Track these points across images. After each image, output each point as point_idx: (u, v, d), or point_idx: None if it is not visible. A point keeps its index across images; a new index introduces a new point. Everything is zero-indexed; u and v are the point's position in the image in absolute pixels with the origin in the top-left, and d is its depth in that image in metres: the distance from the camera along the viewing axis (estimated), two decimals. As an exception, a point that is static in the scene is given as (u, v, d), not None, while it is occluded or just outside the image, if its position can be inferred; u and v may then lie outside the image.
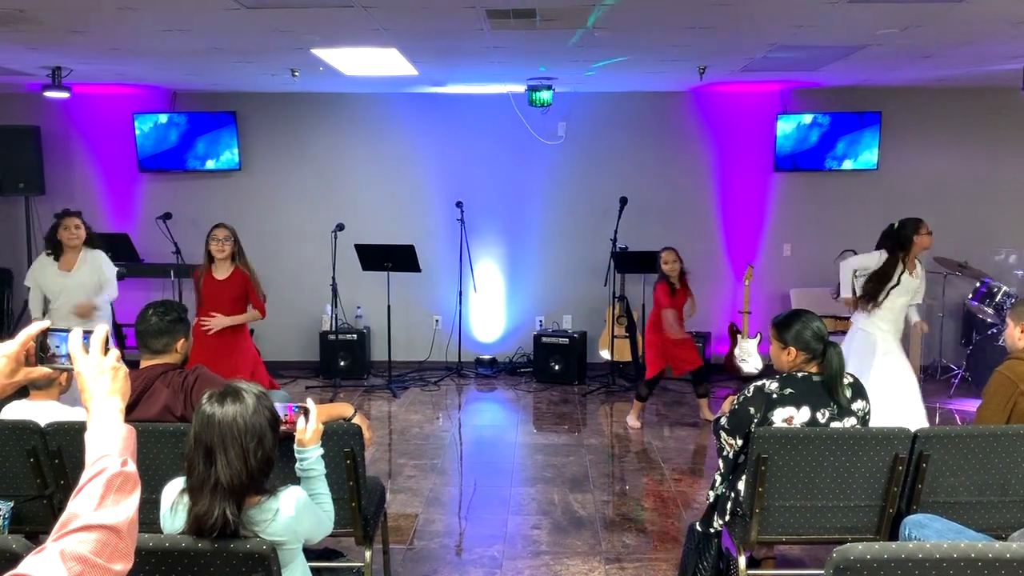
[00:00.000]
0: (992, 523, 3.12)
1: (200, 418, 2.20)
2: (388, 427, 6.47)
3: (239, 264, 5.27)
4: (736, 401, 3.29)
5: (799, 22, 4.90)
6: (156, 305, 3.31)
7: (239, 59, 6.12)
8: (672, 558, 4.04)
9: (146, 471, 3.05)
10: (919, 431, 3.07)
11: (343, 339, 7.81)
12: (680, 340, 6.37)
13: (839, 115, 7.87)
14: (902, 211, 7.92)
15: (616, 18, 4.78)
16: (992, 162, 7.97)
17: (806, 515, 3.15)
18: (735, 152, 8.10)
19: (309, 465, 2.54)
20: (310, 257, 8.07)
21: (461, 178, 8.16)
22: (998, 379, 3.38)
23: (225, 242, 5.20)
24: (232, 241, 5.23)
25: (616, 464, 5.65)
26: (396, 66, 6.29)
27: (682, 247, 7.80)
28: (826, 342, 3.25)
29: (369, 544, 3.29)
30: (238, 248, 5.29)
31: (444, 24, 4.94)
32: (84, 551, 1.28)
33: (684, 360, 6.43)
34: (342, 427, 3.09)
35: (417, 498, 4.92)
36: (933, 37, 5.30)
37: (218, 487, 2.13)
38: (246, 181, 8.19)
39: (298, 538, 2.30)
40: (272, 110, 8.11)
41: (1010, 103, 7.57)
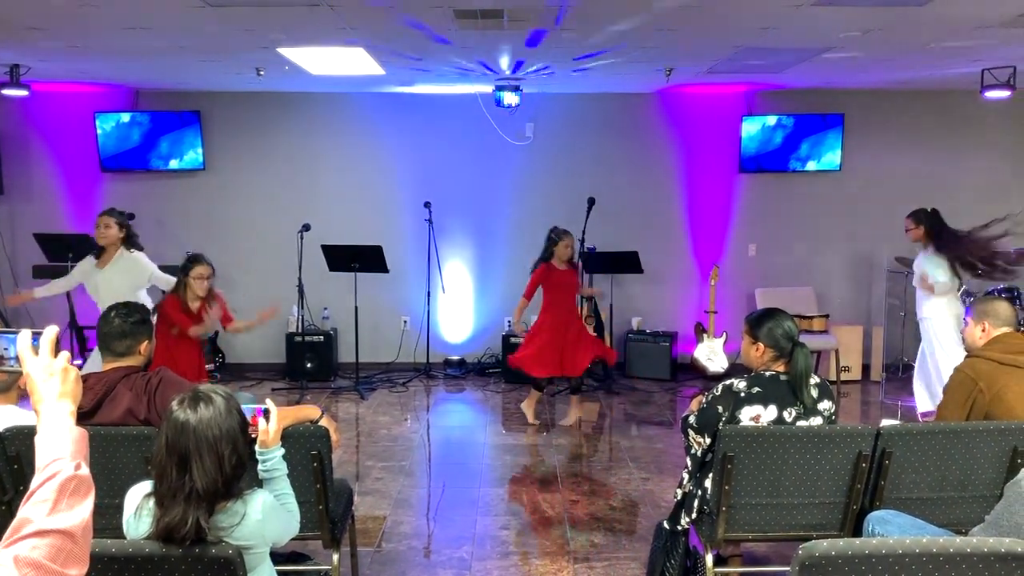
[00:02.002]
0: (952, 518, 3.17)
1: (172, 425, 2.16)
2: (356, 429, 6.43)
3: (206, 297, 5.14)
4: (705, 400, 3.32)
5: (764, 24, 4.96)
6: (119, 307, 3.26)
7: (203, 58, 6.05)
8: (640, 557, 4.06)
9: (109, 475, 3.00)
10: (882, 428, 3.12)
11: (310, 340, 7.76)
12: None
13: (803, 117, 7.98)
14: (865, 211, 8.10)
15: (581, 18, 4.80)
16: (952, 163, 8.12)
17: (772, 513, 3.18)
18: (701, 153, 8.17)
19: (272, 466, 2.51)
20: (276, 258, 8.00)
21: (429, 178, 8.13)
22: (958, 377, 3.45)
23: (207, 280, 5.09)
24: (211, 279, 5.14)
25: (584, 464, 5.67)
26: (363, 66, 6.26)
27: (649, 247, 7.89)
28: (795, 342, 3.29)
29: (337, 547, 3.27)
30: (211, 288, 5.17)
31: (412, 24, 4.93)
32: (38, 556, 1.26)
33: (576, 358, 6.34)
34: (309, 429, 3.06)
35: (385, 500, 4.90)
36: (894, 40, 5.39)
37: (192, 495, 2.10)
38: (210, 181, 8.09)
39: (266, 541, 2.28)
40: (237, 109, 8.02)
41: (969, 105, 7.72)
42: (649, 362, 7.93)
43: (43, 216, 7.89)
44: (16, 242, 7.96)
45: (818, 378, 3.34)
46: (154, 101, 7.99)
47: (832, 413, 3.32)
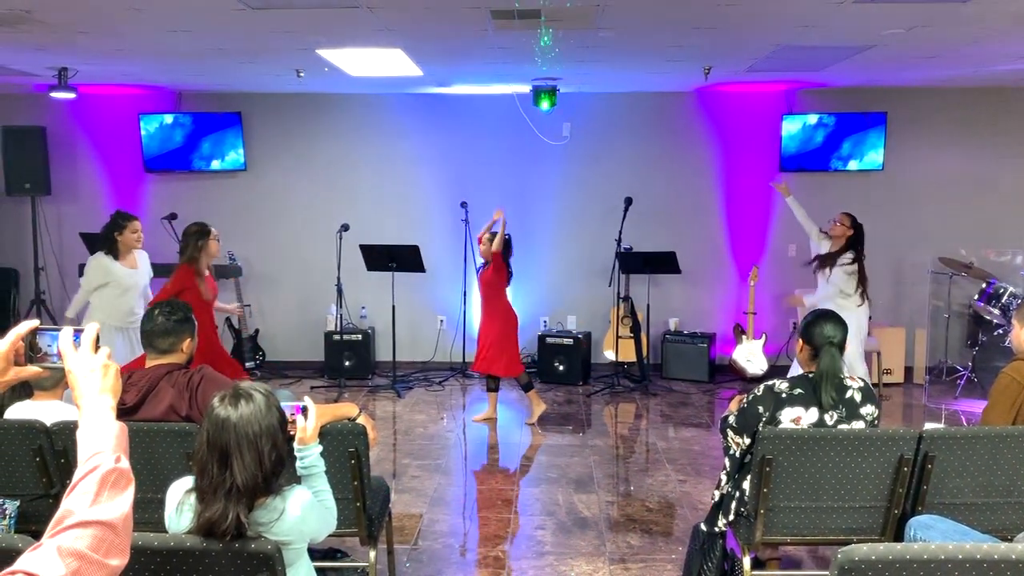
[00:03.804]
0: (997, 524, 3.11)
1: (213, 421, 2.19)
2: (392, 427, 6.47)
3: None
4: (745, 400, 3.29)
5: (805, 22, 4.90)
6: (162, 305, 3.32)
7: (244, 60, 6.13)
8: (677, 559, 4.04)
9: (151, 470, 3.06)
10: (924, 432, 3.06)
11: (348, 339, 7.82)
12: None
13: (844, 115, 7.86)
14: (908, 212, 7.95)
15: (620, 17, 4.78)
16: (998, 162, 7.94)
17: (811, 516, 3.14)
18: (740, 152, 8.09)
19: (310, 463, 2.54)
20: (315, 257, 8.08)
21: (465, 178, 8.16)
22: (1004, 380, 3.37)
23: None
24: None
25: (620, 465, 5.65)
26: (401, 67, 6.29)
27: (687, 247, 7.84)
28: (828, 342, 3.24)
29: (374, 544, 3.29)
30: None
31: (449, 25, 4.95)
32: (81, 547, 1.28)
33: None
34: (347, 427, 3.09)
35: (421, 498, 4.92)
36: (939, 37, 5.29)
37: (233, 490, 2.13)
38: (251, 181, 8.20)
39: (304, 537, 2.30)
40: (277, 111, 8.12)
41: (1016, 102, 7.55)
42: (687, 363, 7.87)
43: (89, 216, 8.05)
44: (63, 241, 8.14)
45: (862, 382, 3.30)
46: (196, 103, 8.12)
47: (875, 418, 3.27)
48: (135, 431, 3.00)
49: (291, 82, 7.09)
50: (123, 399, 3.03)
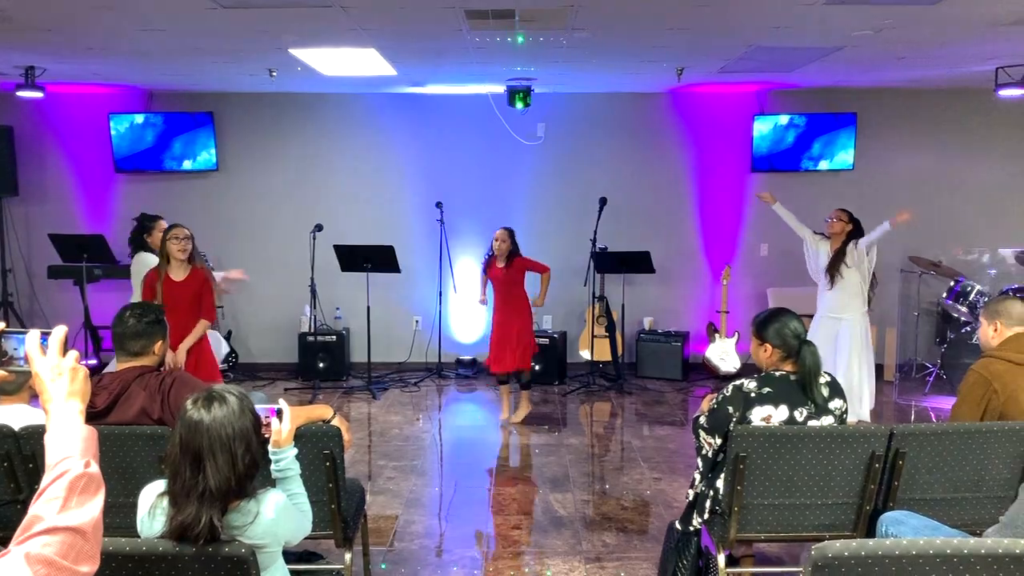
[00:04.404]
0: (967, 519, 3.16)
1: (186, 424, 2.17)
2: (368, 429, 6.45)
3: (196, 265, 5.15)
4: (715, 400, 3.31)
5: (776, 23, 4.95)
6: (133, 307, 3.28)
7: (216, 59, 6.08)
8: (652, 557, 4.06)
9: (123, 475, 3.02)
10: (895, 429, 3.10)
11: (322, 340, 7.78)
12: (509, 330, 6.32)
13: (815, 116, 7.94)
14: (878, 211, 8.03)
15: (594, 18, 4.80)
16: (965, 162, 8.07)
17: (784, 513, 3.17)
18: (713, 153, 8.15)
19: (285, 466, 2.52)
20: (288, 258, 8.03)
21: (441, 178, 8.15)
22: (972, 377, 3.42)
23: (186, 242, 5.05)
24: (191, 241, 5.12)
25: (596, 463, 5.67)
26: (375, 66, 6.27)
27: (661, 247, 7.88)
28: (802, 340, 3.28)
29: (349, 546, 3.27)
30: (195, 249, 5.19)
31: (423, 25, 4.94)
32: (49, 553, 1.27)
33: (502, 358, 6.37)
34: (321, 429, 3.07)
35: (397, 499, 4.91)
36: (907, 39, 5.36)
37: (206, 493, 2.11)
38: (224, 181, 8.14)
39: (278, 540, 2.29)
40: (250, 110, 8.06)
41: (983, 104, 7.67)
42: (661, 362, 7.91)
43: (58, 217, 7.95)
44: (32, 243, 8.02)
45: (828, 376, 3.33)
46: (167, 102, 8.04)
47: (843, 412, 3.30)
48: (106, 435, 2.96)
49: (264, 82, 7.04)
50: (93, 402, 3.00)
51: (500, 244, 6.30)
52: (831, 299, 5.99)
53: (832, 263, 5.94)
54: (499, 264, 6.34)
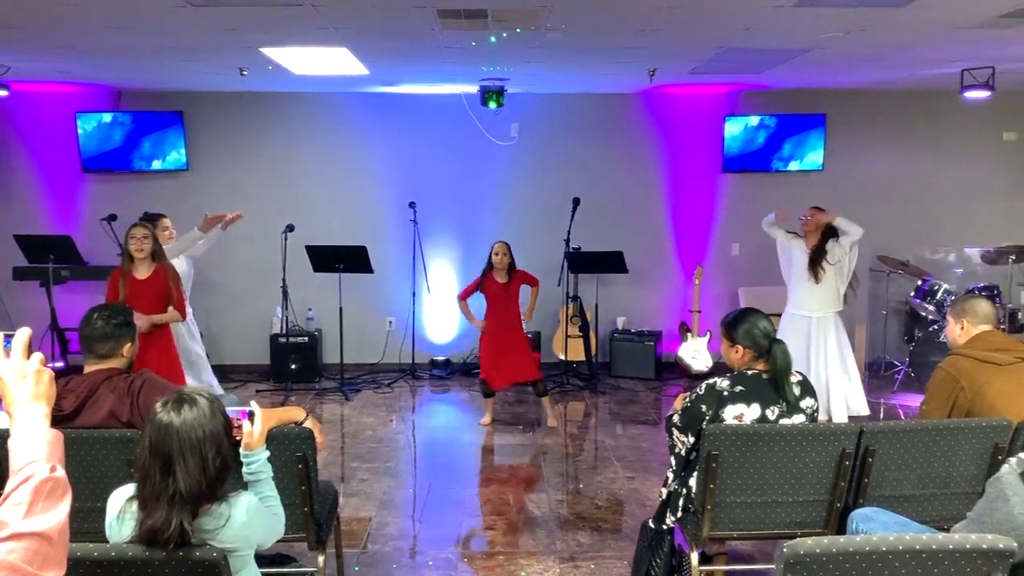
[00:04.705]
0: (935, 515, 3.20)
1: (156, 427, 2.14)
2: (340, 430, 6.41)
3: (160, 263, 5.18)
4: (688, 399, 3.33)
5: (746, 25, 4.99)
6: (101, 308, 3.24)
7: (186, 58, 6.02)
8: (626, 556, 4.07)
9: (91, 478, 2.98)
10: (865, 427, 3.14)
11: (294, 342, 7.72)
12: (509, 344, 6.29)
13: (785, 117, 8.02)
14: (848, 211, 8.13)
15: (566, 19, 4.81)
16: (932, 163, 8.19)
17: (756, 511, 3.20)
18: (685, 153, 8.20)
19: (257, 468, 2.50)
20: (260, 259, 7.97)
21: (414, 178, 8.13)
22: (940, 375, 3.47)
23: (144, 241, 5.07)
24: (151, 240, 5.14)
25: (570, 463, 5.68)
26: (347, 66, 6.24)
27: (634, 247, 7.92)
28: (772, 339, 3.31)
29: (322, 548, 3.26)
30: (157, 247, 5.20)
31: (395, 24, 4.92)
32: (15, 559, 1.25)
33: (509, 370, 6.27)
34: (293, 431, 3.05)
35: (370, 501, 4.88)
36: (875, 40, 5.43)
37: (176, 497, 2.09)
38: (194, 181, 8.05)
39: (250, 544, 2.27)
40: (220, 109, 7.99)
41: (949, 105, 7.78)
42: (634, 361, 7.95)
43: (23, 217, 7.83)
44: (-4, 244, 7.88)
45: (800, 376, 3.36)
46: (136, 101, 7.94)
47: (814, 411, 3.34)
48: (73, 438, 2.92)
49: (234, 80, 6.98)
50: (60, 405, 2.95)
51: (502, 258, 6.25)
52: (808, 297, 6.02)
53: (814, 260, 5.97)
54: (500, 279, 6.28)
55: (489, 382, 6.34)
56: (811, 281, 5.95)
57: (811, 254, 5.96)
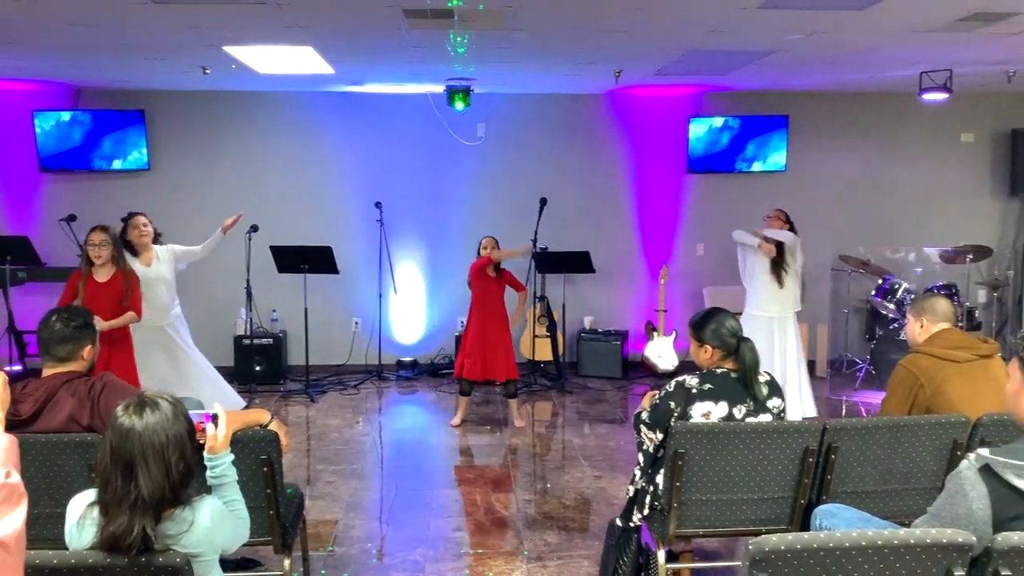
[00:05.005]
0: (896, 510, 3.25)
1: (117, 431, 2.11)
2: (306, 432, 6.36)
3: (119, 268, 5.13)
4: (657, 396, 3.35)
5: (711, 27, 5.03)
6: (60, 311, 3.18)
7: (148, 56, 5.93)
8: (594, 554, 4.09)
9: (50, 484, 2.93)
10: (828, 424, 3.18)
11: (258, 343, 7.65)
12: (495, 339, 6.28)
13: (749, 118, 8.11)
14: (810, 211, 8.27)
15: (532, 19, 4.81)
16: (892, 164, 8.33)
17: (722, 508, 3.23)
18: (650, 154, 8.25)
19: (221, 472, 2.48)
20: (223, 259, 7.84)
21: (380, 178, 8.08)
22: (900, 372, 3.53)
23: (102, 247, 5.03)
24: (110, 246, 5.08)
25: (538, 463, 5.69)
26: (312, 64, 6.19)
27: (600, 247, 7.95)
28: (740, 338, 3.34)
29: (288, 552, 3.22)
30: (118, 251, 5.14)
31: (361, 23, 4.89)
32: None
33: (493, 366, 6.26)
34: (258, 434, 3.02)
35: (337, 504, 4.85)
36: (837, 43, 5.51)
37: (138, 502, 2.05)
38: (156, 181, 7.93)
39: (215, 549, 2.24)
40: (183, 108, 7.88)
41: (909, 107, 7.93)
42: (601, 361, 7.98)
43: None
44: (-50, 245, 7.69)
45: (768, 375, 3.40)
46: (96, 99, 7.80)
47: (781, 411, 3.37)
48: (32, 443, 2.86)
49: (197, 79, 6.89)
50: (18, 410, 2.89)
51: (491, 252, 6.24)
52: (771, 298, 6.15)
53: (776, 263, 6.09)
54: (489, 273, 6.26)
55: (466, 371, 6.28)
56: (774, 284, 6.09)
57: (773, 258, 6.08)
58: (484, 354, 6.23)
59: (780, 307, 6.15)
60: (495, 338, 6.24)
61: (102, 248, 5.04)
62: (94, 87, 7.75)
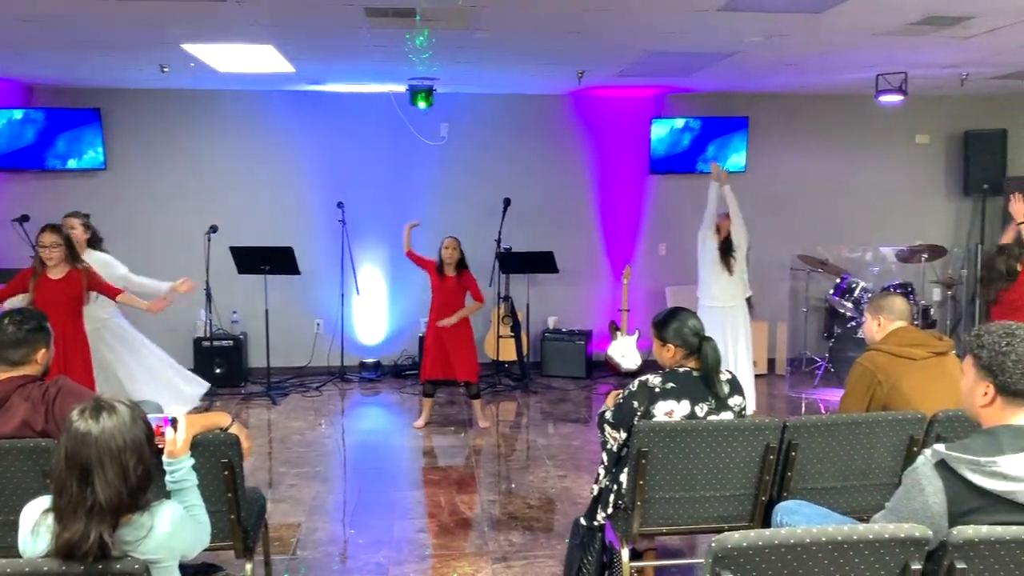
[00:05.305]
0: (855, 506, 3.30)
1: (72, 436, 2.06)
2: (268, 435, 6.29)
3: (74, 267, 5.03)
4: (621, 395, 3.36)
5: (673, 29, 5.07)
6: (12, 313, 3.10)
7: (104, 53, 5.82)
8: (558, 554, 4.10)
9: (4, 491, 2.87)
10: (788, 421, 3.22)
11: (218, 345, 7.55)
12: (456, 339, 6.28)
13: (709, 119, 8.19)
14: (769, 212, 8.37)
15: (495, 19, 4.81)
16: (849, 164, 8.47)
17: (685, 506, 3.25)
18: (613, 154, 8.30)
19: (181, 476, 2.44)
20: (182, 260, 7.74)
21: (342, 178, 8.02)
22: (858, 370, 3.58)
23: (53, 248, 4.92)
24: (61, 246, 4.96)
25: (502, 463, 5.68)
26: (272, 63, 6.12)
27: (564, 247, 7.97)
28: (702, 337, 3.37)
29: (250, 556, 3.19)
30: (71, 250, 5.02)
31: (322, 21, 4.85)
32: None
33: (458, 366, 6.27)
34: (219, 437, 2.97)
35: (299, 507, 4.80)
36: (795, 46, 5.58)
37: (95, 509, 2.01)
38: (112, 181, 7.79)
39: (174, 555, 2.20)
40: (140, 107, 7.75)
41: (865, 109, 8.06)
42: (565, 360, 8.01)
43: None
44: (-103, 246, 7.49)
45: (729, 373, 3.43)
46: (50, 97, 7.64)
47: (742, 409, 3.41)
48: (-16, 449, 2.79)
49: (155, 77, 6.78)
50: (-31, 416, 2.82)
51: (452, 252, 6.21)
52: (722, 289, 6.23)
53: (724, 250, 6.19)
54: (449, 273, 6.24)
55: (427, 373, 6.29)
56: (725, 273, 6.19)
57: (721, 245, 6.15)
58: (444, 354, 6.23)
59: (730, 297, 6.22)
60: (455, 338, 6.23)
61: (53, 250, 4.93)
62: (48, 84, 7.58)
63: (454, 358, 6.23)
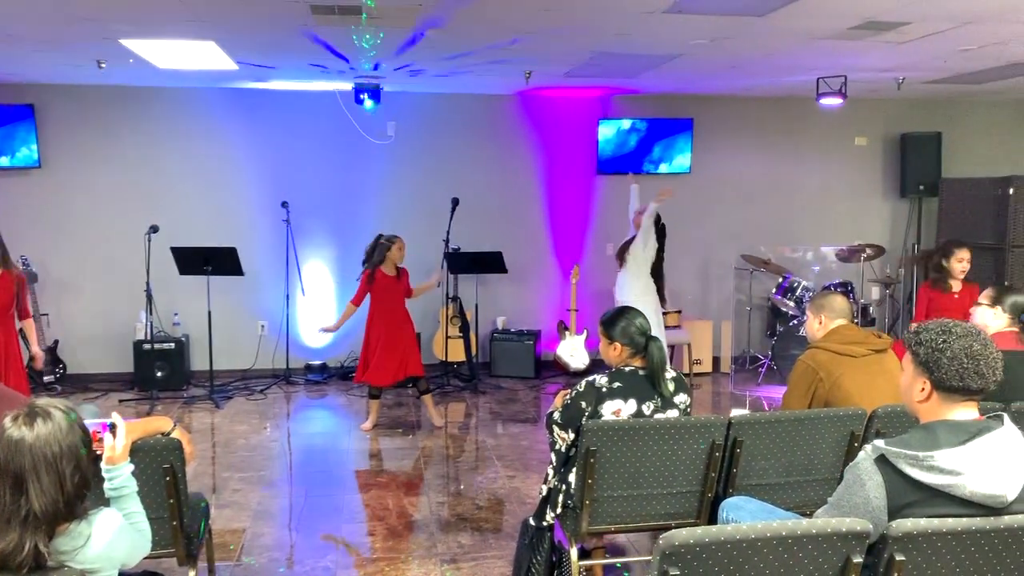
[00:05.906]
0: (799, 501, 3.37)
1: (5, 443, 2.00)
2: (211, 439, 6.17)
3: (7, 269, 4.89)
4: (568, 396, 3.38)
5: (619, 30, 5.11)
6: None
7: (38, 48, 5.64)
8: (507, 555, 4.09)
9: (-69, 502, 2.75)
10: (733, 418, 3.26)
11: (159, 348, 7.38)
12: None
13: (655, 121, 8.27)
14: (714, 212, 8.49)
15: (442, 19, 4.79)
16: (791, 166, 8.63)
17: (633, 504, 3.28)
18: (561, 155, 8.33)
19: (121, 483, 2.37)
20: (120, 261, 7.57)
21: (286, 177, 7.91)
22: (800, 367, 3.65)
23: None
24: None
25: (451, 464, 5.66)
26: (214, 60, 6.01)
27: (512, 247, 7.98)
28: (648, 336, 3.40)
29: (193, 563, 3.12)
30: (2, 251, 4.88)
31: (265, 17, 4.77)
32: None
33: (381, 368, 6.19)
34: (160, 442, 2.91)
35: (244, 512, 4.72)
36: (738, 48, 5.67)
37: (29, 519, 1.94)
38: (47, 179, 7.56)
39: (113, 564, 2.14)
40: (77, 103, 7.53)
41: (806, 111, 8.23)
42: (514, 361, 8.01)
43: None
44: None
45: (674, 372, 3.47)
46: (-20, 93, 7.40)
47: (688, 406, 3.45)
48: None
49: (92, 73, 6.59)
50: None
51: (403, 253, 6.23)
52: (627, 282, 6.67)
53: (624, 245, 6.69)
54: (389, 273, 6.20)
55: (374, 381, 6.24)
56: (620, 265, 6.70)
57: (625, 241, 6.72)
58: (395, 359, 6.18)
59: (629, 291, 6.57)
60: (398, 343, 6.21)
61: None
62: (-22, 80, 7.34)
63: (400, 360, 6.19)
